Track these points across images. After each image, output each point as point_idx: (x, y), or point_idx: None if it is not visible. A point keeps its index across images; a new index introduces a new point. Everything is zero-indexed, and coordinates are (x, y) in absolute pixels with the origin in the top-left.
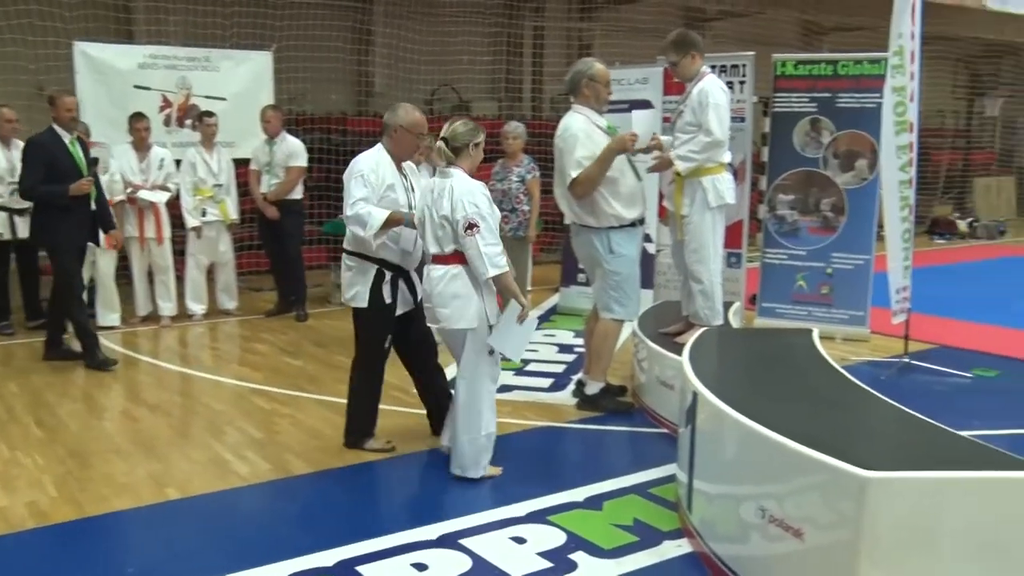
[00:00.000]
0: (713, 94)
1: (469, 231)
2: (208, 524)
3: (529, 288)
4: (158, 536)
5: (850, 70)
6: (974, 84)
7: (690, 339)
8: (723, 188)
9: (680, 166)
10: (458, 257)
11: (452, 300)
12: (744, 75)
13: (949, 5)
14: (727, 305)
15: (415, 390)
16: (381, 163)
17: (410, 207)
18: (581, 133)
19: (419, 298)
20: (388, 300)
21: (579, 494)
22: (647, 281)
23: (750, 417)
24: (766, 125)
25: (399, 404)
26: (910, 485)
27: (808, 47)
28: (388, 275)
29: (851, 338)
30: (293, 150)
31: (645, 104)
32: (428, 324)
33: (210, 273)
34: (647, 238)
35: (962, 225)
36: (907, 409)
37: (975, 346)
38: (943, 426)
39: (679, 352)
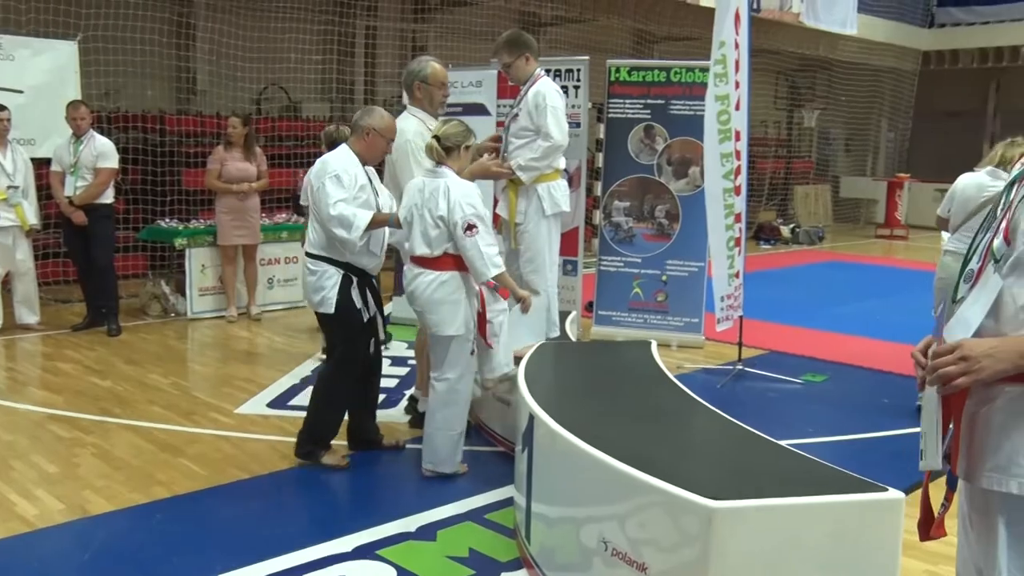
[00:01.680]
0: (550, 96)
1: (469, 232)
2: None
3: None
4: None
5: (683, 77)
6: (793, 96)
7: (526, 353)
8: (559, 195)
9: (523, 177)
10: (447, 262)
11: (440, 307)
12: (579, 80)
13: (768, 19)
14: (564, 315)
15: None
16: (351, 164)
17: (378, 209)
18: (418, 138)
19: (381, 308)
20: (359, 305)
21: (411, 523)
22: None
23: (590, 442)
24: (600, 131)
25: (216, 427)
26: (757, 514)
27: (639, 54)
28: (355, 279)
29: (686, 345)
30: (102, 150)
31: (479, 108)
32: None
33: (7, 284)
34: None
35: (785, 231)
36: (747, 427)
37: (803, 351)
38: (784, 444)
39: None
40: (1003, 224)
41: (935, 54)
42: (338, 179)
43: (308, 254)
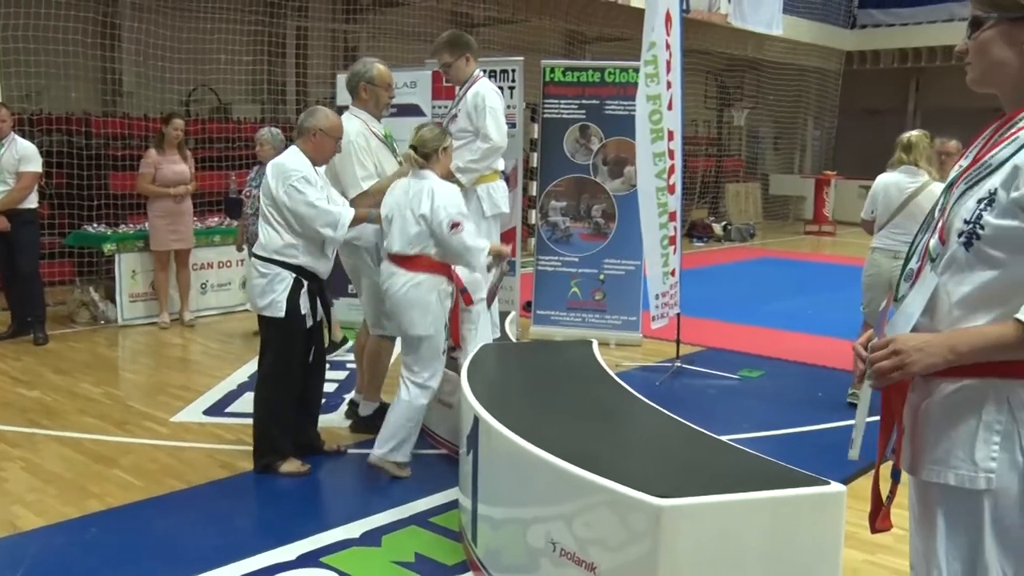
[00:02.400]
0: (489, 97)
1: (454, 229)
2: None
3: None
4: None
5: (617, 77)
6: (722, 95)
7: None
8: (498, 196)
9: (463, 179)
10: (421, 263)
11: (411, 308)
12: (514, 80)
13: (697, 20)
14: (503, 315)
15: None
16: (307, 165)
17: None
18: (361, 139)
19: (328, 312)
20: (304, 311)
21: (355, 529)
22: None
23: (537, 444)
24: (535, 131)
25: (151, 436)
26: (705, 510)
27: (571, 55)
28: (306, 284)
29: (625, 343)
30: (25, 154)
31: (414, 109)
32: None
33: None
34: None
35: (717, 228)
36: (689, 423)
37: (739, 347)
38: (724, 439)
39: (455, 367)
40: (939, 225)
41: (857, 54)
42: (306, 180)
43: (259, 256)
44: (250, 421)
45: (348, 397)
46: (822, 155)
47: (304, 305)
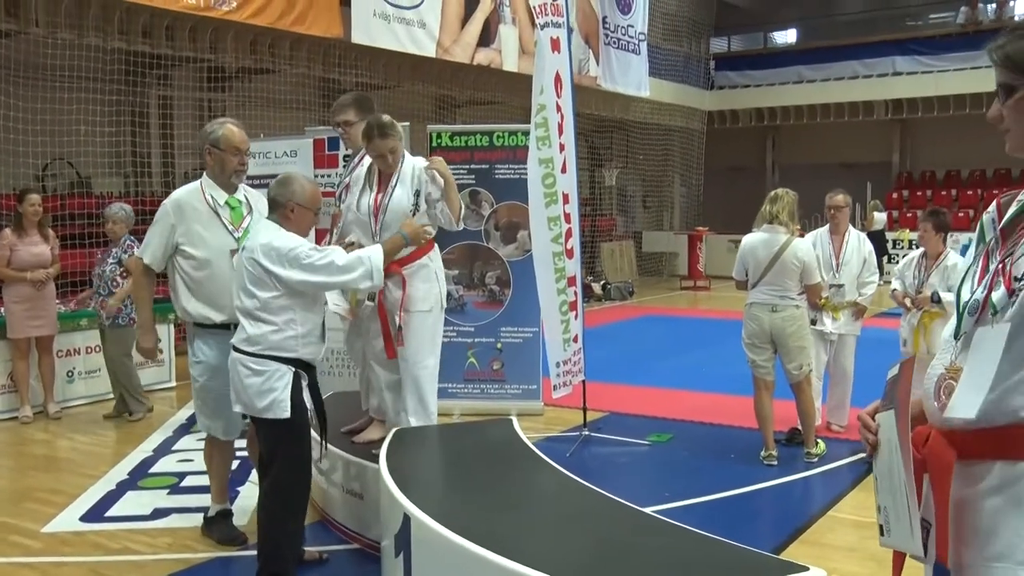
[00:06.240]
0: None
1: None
2: None
3: (172, 384)
4: None
5: (506, 141)
6: (593, 156)
7: (375, 436)
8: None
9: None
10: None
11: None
12: None
13: None
14: None
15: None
16: (299, 239)
17: None
18: (186, 203)
19: (322, 405)
20: (309, 406)
21: None
22: None
23: (485, 544)
24: None
25: (19, 552)
26: None
27: (442, 119)
28: (306, 378)
29: (526, 412)
30: None
31: None
32: None
33: None
34: None
35: (597, 288)
36: (640, 508)
37: (642, 410)
38: (652, 512)
39: (364, 454)
40: (1001, 276)
41: (718, 114)
42: (313, 247)
43: (247, 352)
44: (136, 525)
45: (241, 490)
46: (690, 211)
47: (307, 400)
